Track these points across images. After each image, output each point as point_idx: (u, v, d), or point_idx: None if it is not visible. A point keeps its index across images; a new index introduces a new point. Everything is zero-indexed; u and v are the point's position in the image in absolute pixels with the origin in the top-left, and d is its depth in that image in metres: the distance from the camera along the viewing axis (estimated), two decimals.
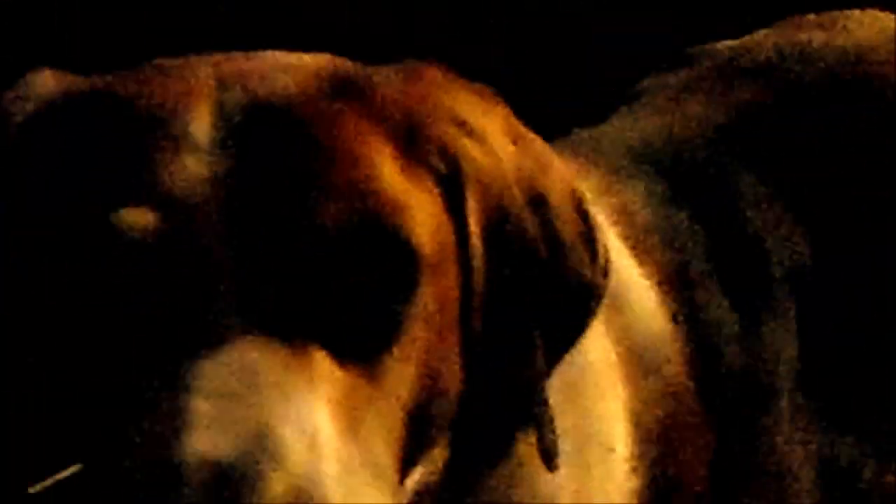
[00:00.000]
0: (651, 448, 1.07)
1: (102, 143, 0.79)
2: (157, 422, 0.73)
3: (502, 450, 0.94)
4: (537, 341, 0.89)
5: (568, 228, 0.90)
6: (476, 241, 0.85)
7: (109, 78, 0.84)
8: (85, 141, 0.80)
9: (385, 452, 0.79)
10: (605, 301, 0.95)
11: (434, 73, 0.88)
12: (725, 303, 1.15)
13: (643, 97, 1.26)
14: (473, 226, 0.85)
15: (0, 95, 0.87)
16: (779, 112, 1.23)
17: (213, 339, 0.74)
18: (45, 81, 0.86)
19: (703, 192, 1.19)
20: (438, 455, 0.88)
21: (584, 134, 1.22)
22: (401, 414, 0.80)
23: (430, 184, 0.84)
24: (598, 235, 0.93)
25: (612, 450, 1.04)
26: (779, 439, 1.19)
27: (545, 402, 0.90)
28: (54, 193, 0.80)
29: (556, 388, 0.94)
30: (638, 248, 1.12)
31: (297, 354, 0.75)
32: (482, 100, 0.90)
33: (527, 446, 0.94)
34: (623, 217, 1.13)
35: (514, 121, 0.92)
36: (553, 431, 0.90)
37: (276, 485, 0.71)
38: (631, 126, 1.22)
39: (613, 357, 1.04)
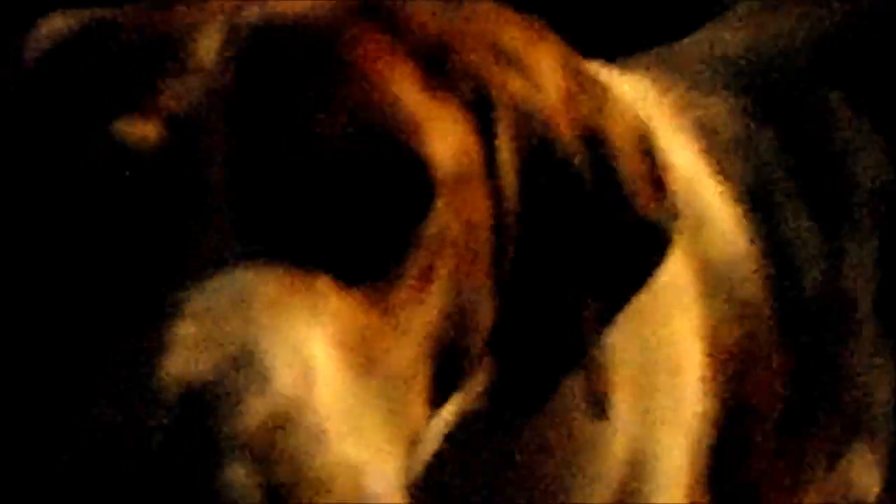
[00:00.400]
0: (725, 370, 1.04)
1: (110, 66, 0.77)
2: (139, 346, 0.70)
3: (548, 388, 0.90)
4: (587, 286, 0.86)
5: (630, 170, 0.86)
6: (506, 171, 0.81)
7: (125, 8, 0.82)
8: (94, 67, 0.78)
9: (402, 389, 0.75)
10: (681, 219, 0.93)
11: (482, 7, 0.85)
12: (808, 224, 1.13)
13: (729, 12, 1.24)
14: (503, 156, 0.81)
15: (14, 39, 0.85)
16: (870, 31, 1.21)
17: (206, 261, 0.71)
18: (58, 22, 0.83)
19: (789, 111, 1.16)
20: (477, 382, 0.85)
21: (668, 48, 1.19)
22: (421, 348, 0.76)
23: (456, 107, 0.80)
24: (667, 178, 0.89)
25: (679, 371, 1.01)
26: (857, 367, 1.17)
27: (597, 350, 0.87)
28: (60, 116, 0.78)
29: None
30: (720, 166, 1.09)
31: (298, 277, 0.71)
32: (534, 33, 0.86)
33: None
34: (705, 132, 1.09)
35: (571, 58, 0.87)
36: (605, 380, 0.87)
37: (258, 408, 0.67)
38: (716, 41, 1.20)
39: (688, 276, 1.02)
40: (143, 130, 0.73)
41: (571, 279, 0.85)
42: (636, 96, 1.05)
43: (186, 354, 0.68)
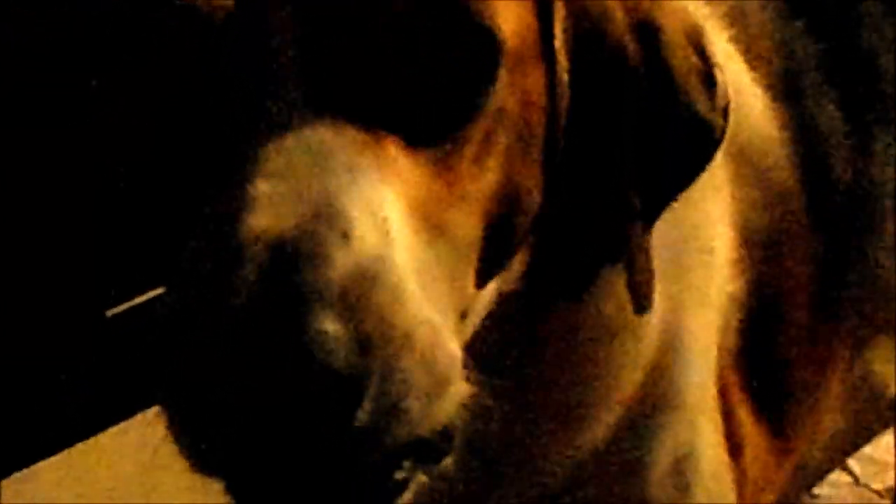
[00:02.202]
0: (755, 252, 1.06)
1: None
2: (222, 205, 0.71)
3: (587, 278, 0.92)
4: (634, 180, 0.87)
5: (681, 63, 0.87)
6: (561, 56, 0.83)
7: None
8: None
9: (461, 259, 0.77)
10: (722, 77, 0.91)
11: None
12: (836, 114, 1.14)
13: None
14: (559, 41, 0.83)
15: None
16: None
17: (281, 124, 0.71)
18: None
19: (820, 4, 1.16)
20: (519, 264, 0.86)
21: None
22: (477, 216, 0.78)
23: None
24: (719, 74, 0.89)
25: (711, 251, 1.02)
26: (881, 259, 1.19)
27: (641, 241, 0.88)
28: None
29: None
30: (750, 53, 1.10)
31: (368, 138, 0.73)
32: None
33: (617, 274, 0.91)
34: (737, 21, 1.10)
35: None
36: (649, 277, 0.88)
37: (342, 262, 0.68)
38: None
39: (720, 159, 1.01)
40: None
41: (619, 173, 0.86)
42: None
43: (270, 210, 0.69)
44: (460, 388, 0.74)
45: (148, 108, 0.77)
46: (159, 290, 0.77)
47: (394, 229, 0.71)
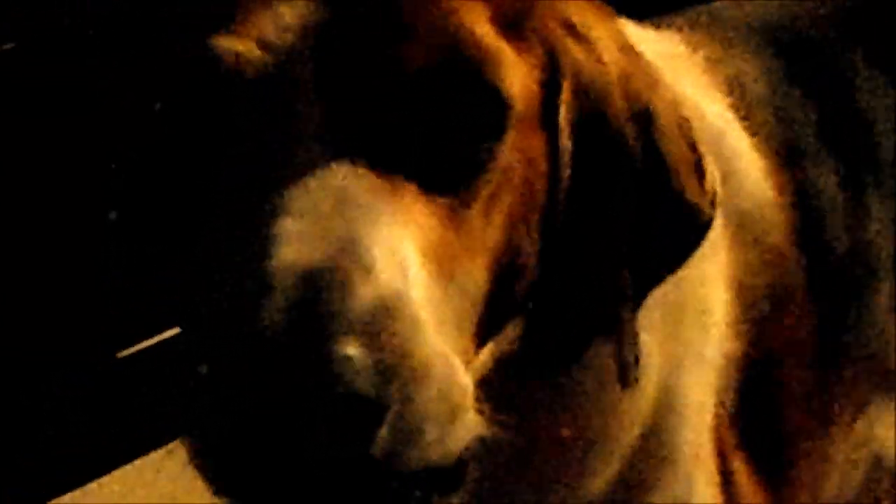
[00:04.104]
0: (752, 313, 1.07)
1: None
2: (248, 242, 0.74)
3: (579, 349, 0.94)
4: (626, 261, 0.89)
5: (673, 149, 0.90)
6: (564, 129, 0.86)
7: None
8: None
9: (467, 302, 0.80)
10: (712, 168, 0.95)
11: None
12: (833, 179, 1.15)
13: None
14: (563, 115, 0.86)
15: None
16: None
17: (305, 168, 0.75)
18: None
19: (818, 71, 1.18)
20: (511, 332, 0.89)
21: (701, 9, 1.21)
22: (483, 268, 0.81)
23: (526, 59, 0.84)
24: (706, 163, 0.92)
25: (708, 312, 1.04)
26: (878, 321, 1.19)
27: (629, 320, 0.90)
28: (154, 34, 0.83)
29: None
30: (749, 120, 1.12)
31: (386, 184, 0.76)
32: (599, 11, 0.91)
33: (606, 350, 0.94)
34: (735, 88, 1.12)
35: (626, 36, 0.92)
36: (636, 349, 0.90)
37: (365, 293, 0.71)
38: (745, 4, 1.22)
39: (718, 222, 1.02)
40: (245, 48, 0.77)
41: (612, 250, 0.89)
42: (669, 53, 1.08)
43: (297, 245, 0.72)
44: (473, 419, 0.77)
45: (169, 155, 0.81)
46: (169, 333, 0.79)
47: (411, 269, 0.75)
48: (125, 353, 1.60)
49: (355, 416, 0.70)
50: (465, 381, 0.77)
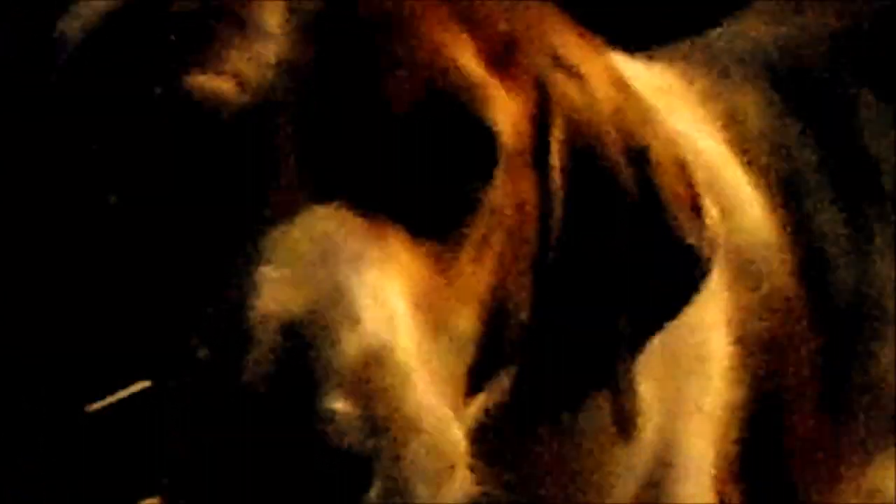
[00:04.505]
0: (754, 358, 1.04)
1: (170, 31, 0.78)
2: (228, 292, 0.72)
3: (572, 403, 0.92)
4: (623, 307, 0.87)
5: (670, 189, 0.88)
6: (555, 168, 0.83)
7: None
8: (152, 32, 0.79)
9: (458, 352, 0.77)
10: (709, 207, 0.91)
11: (546, 11, 0.87)
12: (837, 216, 1.13)
13: (754, 5, 1.24)
14: (555, 154, 0.83)
15: (54, 20, 0.86)
16: (892, 22, 1.21)
17: (285, 213, 0.73)
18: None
19: (818, 103, 1.16)
20: (503, 384, 0.87)
21: (695, 40, 1.19)
22: (474, 316, 0.78)
23: (515, 95, 0.81)
24: (705, 203, 0.89)
25: (707, 359, 1.01)
26: (889, 364, 1.16)
27: (627, 370, 0.88)
28: (124, 73, 0.79)
29: None
30: (747, 155, 1.09)
31: (371, 230, 0.74)
32: (589, 44, 0.88)
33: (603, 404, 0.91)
34: (732, 123, 1.10)
35: (618, 70, 0.90)
36: (635, 400, 0.88)
37: (351, 344, 0.69)
38: (743, 33, 1.20)
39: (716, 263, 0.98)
40: (217, 87, 0.74)
41: (607, 295, 0.86)
42: (661, 86, 1.06)
43: (279, 294, 0.70)
44: (465, 476, 0.75)
45: (140, 197, 0.78)
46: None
47: (398, 319, 0.73)
48: (94, 406, 1.58)
49: (344, 473, 0.68)
50: (457, 435, 0.74)
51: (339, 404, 0.68)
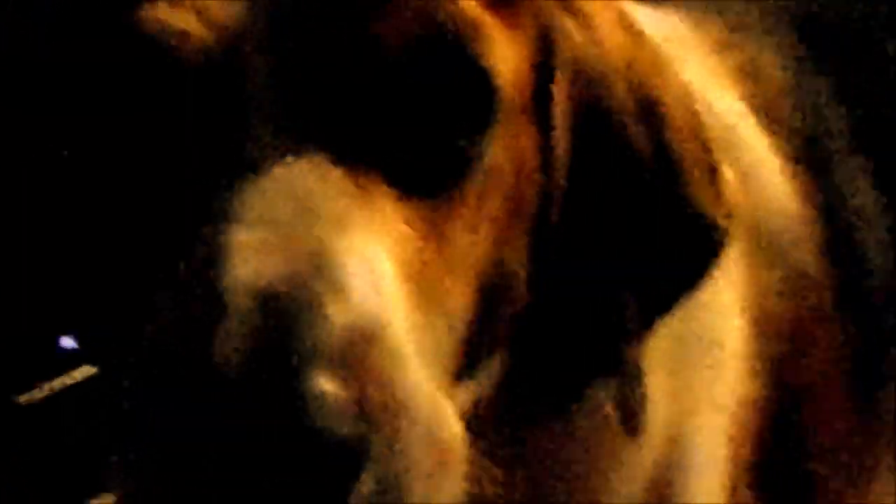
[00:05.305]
0: (774, 346, 1.00)
1: None
2: (197, 257, 0.68)
3: (571, 393, 0.89)
4: (631, 284, 0.84)
5: (684, 150, 0.85)
6: (559, 122, 0.80)
7: None
8: None
9: (449, 329, 0.73)
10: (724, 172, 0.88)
11: None
12: (867, 185, 1.09)
13: None
14: (558, 105, 0.80)
15: None
16: None
17: (258, 167, 0.69)
18: None
19: (848, 57, 1.13)
20: (495, 369, 0.84)
21: None
22: (467, 289, 0.75)
23: (518, 37, 0.78)
24: (721, 168, 0.87)
25: (720, 346, 0.97)
26: None
27: (635, 357, 0.85)
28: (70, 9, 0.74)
29: None
30: (768, 115, 1.06)
31: (354, 183, 0.70)
32: None
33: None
34: (752, 77, 1.06)
35: (631, 18, 0.87)
36: (642, 390, 0.85)
37: (338, 319, 0.65)
38: None
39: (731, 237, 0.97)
40: (178, 24, 0.70)
41: (612, 270, 0.84)
42: (669, 35, 1.00)
43: (254, 259, 0.66)
44: (462, 472, 0.71)
45: (90, 147, 0.73)
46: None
47: (388, 289, 0.69)
48: (26, 397, 1.58)
49: (332, 462, 0.64)
50: (454, 425, 0.70)
51: (326, 385, 0.63)
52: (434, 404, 0.69)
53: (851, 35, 1.15)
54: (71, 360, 1.63)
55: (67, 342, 1.59)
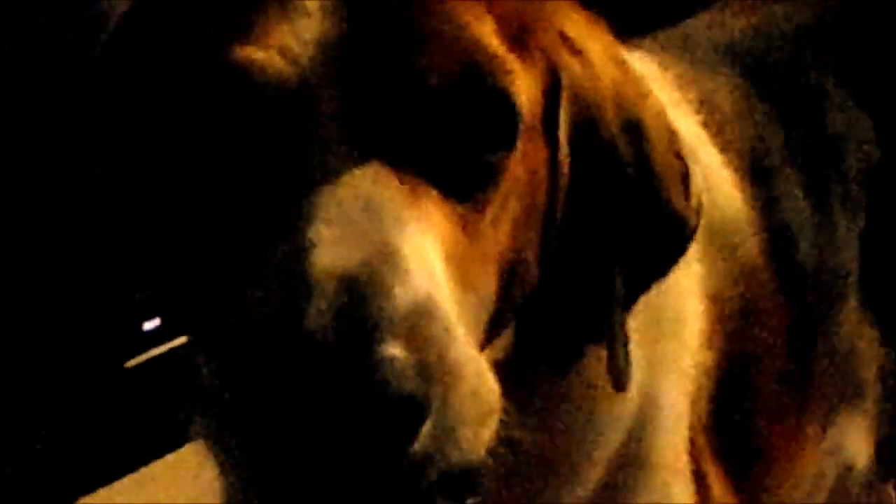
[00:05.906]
0: (725, 324, 1.08)
1: (216, 6, 0.82)
2: (284, 249, 0.75)
3: (568, 359, 0.96)
4: (618, 268, 0.92)
5: (661, 159, 0.92)
6: (563, 140, 0.88)
7: None
8: (197, 7, 0.83)
9: (480, 308, 0.81)
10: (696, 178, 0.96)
11: None
12: (801, 195, 1.17)
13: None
14: (563, 126, 0.88)
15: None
16: (862, 17, 1.25)
17: (333, 176, 0.76)
18: None
19: (786, 90, 1.21)
20: (503, 339, 0.90)
21: (670, 31, 1.24)
22: (493, 276, 0.82)
23: (530, 71, 0.86)
24: (692, 175, 0.94)
25: (683, 323, 1.06)
26: (846, 333, 1.22)
27: (621, 325, 0.92)
28: (169, 47, 0.83)
29: None
30: (719, 137, 1.14)
31: (408, 192, 0.78)
32: (591, 24, 0.93)
33: (596, 361, 0.96)
34: (706, 106, 1.14)
35: (618, 49, 0.94)
36: (626, 355, 0.92)
37: (402, 296, 0.72)
38: (717, 24, 1.25)
39: None
40: (263, 58, 0.78)
41: (605, 257, 0.91)
42: (641, 72, 1.06)
43: (334, 250, 0.73)
44: (498, 421, 0.78)
45: (190, 163, 0.81)
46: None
47: (438, 272, 0.76)
48: (134, 362, 1.62)
49: (400, 415, 0.71)
50: (494, 383, 0.78)
51: (396, 351, 0.70)
52: (478, 365, 0.76)
53: (786, 70, 1.22)
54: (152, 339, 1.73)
55: (149, 325, 1.69)
